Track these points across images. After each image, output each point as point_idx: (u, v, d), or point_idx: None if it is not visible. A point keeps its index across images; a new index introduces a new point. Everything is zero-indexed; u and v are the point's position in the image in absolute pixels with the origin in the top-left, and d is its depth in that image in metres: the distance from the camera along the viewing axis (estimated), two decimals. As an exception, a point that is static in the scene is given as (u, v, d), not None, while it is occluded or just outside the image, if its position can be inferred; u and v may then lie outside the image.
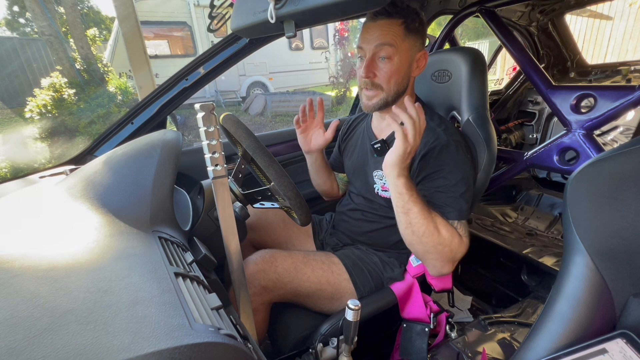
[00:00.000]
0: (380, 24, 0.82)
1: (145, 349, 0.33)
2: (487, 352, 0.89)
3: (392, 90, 0.87)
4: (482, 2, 1.32)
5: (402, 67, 0.85)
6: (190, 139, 5.04)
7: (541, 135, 2.04)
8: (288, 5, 0.73)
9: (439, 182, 0.82)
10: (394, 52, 0.83)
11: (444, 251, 0.77)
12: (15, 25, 10.68)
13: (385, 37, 0.82)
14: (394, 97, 0.89)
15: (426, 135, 0.87)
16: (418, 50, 0.87)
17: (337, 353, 0.77)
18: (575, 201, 0.48)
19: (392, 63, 0.84)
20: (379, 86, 0.87)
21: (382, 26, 0.82)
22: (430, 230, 0.75)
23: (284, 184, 0.74)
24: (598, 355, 0.41)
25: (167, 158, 0.73)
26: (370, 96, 0.89)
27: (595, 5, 3.93)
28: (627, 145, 0.47)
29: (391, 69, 0.84)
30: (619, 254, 0.44)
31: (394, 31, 0.82)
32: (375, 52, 0.84)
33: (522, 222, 1.73)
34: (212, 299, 0.50)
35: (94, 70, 6.49)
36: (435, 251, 0.77)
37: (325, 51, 8.26)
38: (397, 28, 0.82)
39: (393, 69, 0.84)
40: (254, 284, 0.85)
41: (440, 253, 0.77)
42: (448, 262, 0.79)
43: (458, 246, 0.79)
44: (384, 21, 0.82)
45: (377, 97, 0.88)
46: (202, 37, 7.58)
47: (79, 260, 0.45)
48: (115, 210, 0.62)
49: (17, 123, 5.86)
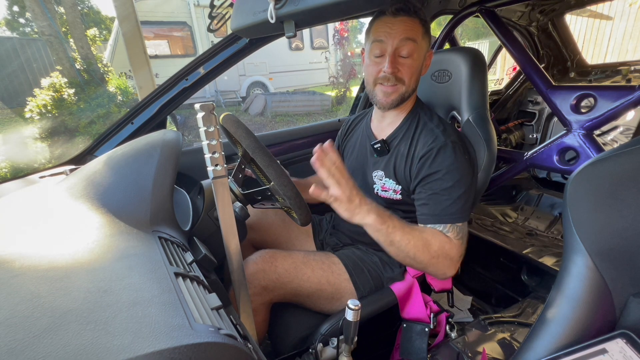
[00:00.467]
0: (402, 20, 0.83)
1: (145, 349, 0.33)
2: (487, 352, 0.89)
3: (411, 87, 0.88)
4: (482, 2, 1.32)
5: (419, 65, 0.87)
6: (190, 139, 5.04)
7: (541, 135, 2.04)
8: (288, 5, 0.73)
9: (436, 185, 0.83)
10: (415, 48, 0.84)
11: (440, 261, 0.78)
12: (15, 25, 10.68)
13: (410, 32, 0.82)
14: (410, 94, 0.89)
15: (424, 136, 0.87)
16: (427, 51, 0.89)
17: (337, 353, 0.77)
18: (575, 201, 0.48)
19: (413, 59, 0.85)
20: (401, 80, 0.86)
21: (405, 22, 0.82)
22: (420, 248, 0.76)
23: (284, 184, 0.74)
24: (598, 355, 0.41)
25: (167, 158, 0.73)
26: (388, 92, 0.87)
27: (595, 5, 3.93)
28: (627, 145, 0.47)
29: (413, 65, 0.85)
30: (619, 254, 0.44)
31: (416, 28, 0.83)
32: (398, 46, 0.83)
33: (522, 222, 1.73)
34: (212, 299, 0.50)
35: (94, 70, 6.49)
36: (431, 263, 0.78)
37: (325, 51, 8.27)
38: (418, 26, 0.84)
39: (415, 65, 0.86)
40: (254, 284, 0.85)
41: (437, 264, 0.78)
42: (449, 267, 0.80)
43: (454, 251, 0.80)
44: (407, 18, 0.83)
45: (397, 92, 0.87)
46: (202, 37, 7.58)
47: (79, 260, 0.45)
48: (115, 210, 0.62)
49: (17, 123, 5.86)
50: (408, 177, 0.89)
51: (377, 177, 0.97)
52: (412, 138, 0.90)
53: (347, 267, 0.95)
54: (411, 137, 0.90)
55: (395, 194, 0.93)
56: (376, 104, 0.93)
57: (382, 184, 0.96)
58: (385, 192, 0.95)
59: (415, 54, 0.84)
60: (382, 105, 0.90)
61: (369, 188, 1.00)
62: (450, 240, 0.80)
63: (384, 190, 0.96)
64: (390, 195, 0.95)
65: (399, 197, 0.93)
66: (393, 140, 0.94)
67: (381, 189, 0.96)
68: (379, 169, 0.95)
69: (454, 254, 0.80)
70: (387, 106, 0.90)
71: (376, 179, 0.97)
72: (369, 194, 1.00)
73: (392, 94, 0.87)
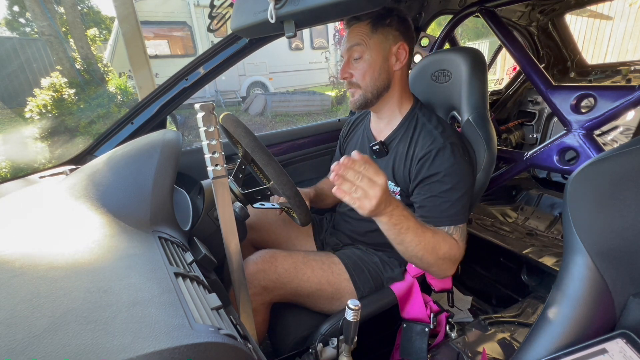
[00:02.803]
0: (352, 29, 0.89)
1: (145, 349, 0.33)
2: (487, 352, 0.89)
3: (370, 86, 0.90)
4: (482, 2, 1.32)
5: (376, 62, 0.88)
6: (190, 139, 5.04)
7: (541, 135, 2.04)
8: (288, 5, 0.72)
9: (435, 187, 0.83)
10: (363, 49, 0.87)
11: (445, 262, 0.79)
12: (15, 25, 10.67)
13: (354, 38, 0.88)
14: (374, 93, 0.91)
15: (423, 138, 0.87)
16: (393, 43, 0.88)
17: (337, 353, 0.77)
18: (575, 201, 0.48)
19: (364, 60, 0.88)
20: (355, 84, 0.91)
21: (353, 30, 0.89)
22: (429, 250, 0.75)
23: (283, 183, 0.74)
24: (598, 355, 0.41)
25: (167, 158, 0.73)
26: (352, 93, 0.93)
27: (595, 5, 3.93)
28: (627, 145, 0.47)
29: (364, 66, 0.88)
30: (619, 254, 0.44)
31: (361, 31, 0.87)
32: (349, 55, 0.89)
33: (522, 222, 1.73)
34: (212, 299, 0.50)
35: (94, 70, 6.49)
36: (436, 264, 0.78)
37: (325, 51, 8.27)
38: (364, 27, 0.87)
39: (365, 66, 0.88)
40: (254, 284, 0.85)
41: (441, 265, 0.79)
42: (450, 268, 0.81)
43: (459, 253, 0.81)
44: (354, 26, 0.89)
45: (357, 94, 0.92)
46: (202, 37, 7.58)
47: (78, 260, 0.45)
48: (115, 210, 0.62)
49: (17, 123, 5.86)
50: (407, 179, 0.89)
51: (377, 178, 0.97)
52: (410, 139, 0.90)
53: (347, 267, 0.95)
54: (409, 139, 0.90)
55: (394, 195, 0.93)
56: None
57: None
58: (385, 193, 0.95)
59: (365, 54, 0.88)
60: (351, 107, 0.97)
61: (369, 188, 1.00)
62: (457, 243, 0.81)
63: (383, 191, 0.96)
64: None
65: (397, 198, 0.93)
66: (392, 142, 0.94)
67: (381, 189, 0.96)
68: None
69: (458, 256, 0.81)
70: (353, 107, 0.95)
71: (376, 179, 0.97)
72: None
73: (353, 95, 0.93)
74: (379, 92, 0.91)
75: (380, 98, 0.92)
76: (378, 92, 0.91)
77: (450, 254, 0.78)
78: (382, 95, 0.92)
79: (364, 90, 0.90)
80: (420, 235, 0.74)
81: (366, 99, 0.91)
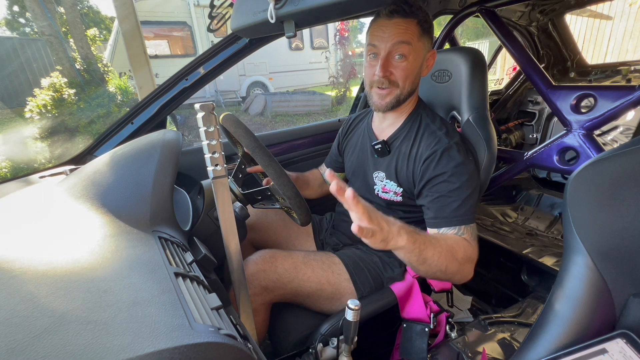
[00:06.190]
0: (396, 22, 0.81)
1: (145, 349, 0.33)
2: (487, 352, 0.89)
3: (407, 89, 0.87)
4: (482, 2, 1.32)
5: (416, 67, 0.86)
6: (190, 139, 5.05)
7: (541, 135, 2.04)
8: (288, 5, 0.73)
9: (442, 187, 0.82)
10: (410, 50, 0.82)
11: (466, 266, 0.76)
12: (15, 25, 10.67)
13: (403, 35, 0.81)
14: (406, 96, 0.88)
15: (427, 138, 0.87)
16: (428, 51, 0.87)
17: (337, 353, 0.77)
18: (575, 201, 0.48)
19: (408, 61, 0.83)
20: (395, 83, 0.85)
21: (399, 24, 0.81)
22: (450, 258, 0.72)
23: (283, 183, 0.74)
24: (598, 355, 0.41)
25: (167, 158, 0.73)
26: (383, 95, 0.87)
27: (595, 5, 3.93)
28: (627, 145, 0.47)
29: (407, 67, 0.84)
30: (619, 254, 0.44)
31: (411, 30, 0.81)
32: (391, 50, 0.83)
33: (522, 222, 1.73)
34: (212, 299, 0.50)
35: (94, 70, 6.48)
36: (459, 271, 0.75)
37: (325, 51, 8.26)
38: (414, 27, 0.82)
39: (410, 67, 0.84)
40: (254, 284, 0.85)
41: (463, 270, 0.76)
42: (470, 271, 0.78)
43: (475, 253, 0.78)
44: (401, 20, 0.81)
45: (391, 95, 0.87)
46: (202, 37, 7.58)
47: (78, 260, 0.45)
48: (115, 210, 0.62)
49: (17, 123, 5.86)
50: (411, 179, 0.89)
51: (377, 178, 0.96)
52: (414, 139, 0.89)
53: (347, 267, 0.95)
54: (413, 139, 0.90)
55: (395, 196, 0.93)
56: (372, 106, 0.92)
57: (382, 185, 0.95)
58: (386, 194, 0.95)
59: (411, 57, 0.83)
60: (377, 107, 0.90)
61: (370, 188, 1.00)
62: (469, 243, 0.78)
63: (384, 192, 0.96)
64: (390, 197, 0.94)
65: (399, 199, 0.93)
66: (394, 142, 0.94)
67: (382, 190, 0.96)
68: (381, 170, 0.95)
69: (474, 256, 0.78)
70: (382, 108, 0.89)
71: (377, 180, 0.97)
72: (370, 194, 1.00)
73: (386, 96, 0.87)
74: (409, 96, 0.89)
75: (406, 101, 0.90)
76: (409, 96, 0.89)
77: (467, 255, 0.76)
78: (408, 99, 0.90)
79: (400, 91, 0.86)
80: (436, 245, 0.70)
81: (399, 101, 0.88)
